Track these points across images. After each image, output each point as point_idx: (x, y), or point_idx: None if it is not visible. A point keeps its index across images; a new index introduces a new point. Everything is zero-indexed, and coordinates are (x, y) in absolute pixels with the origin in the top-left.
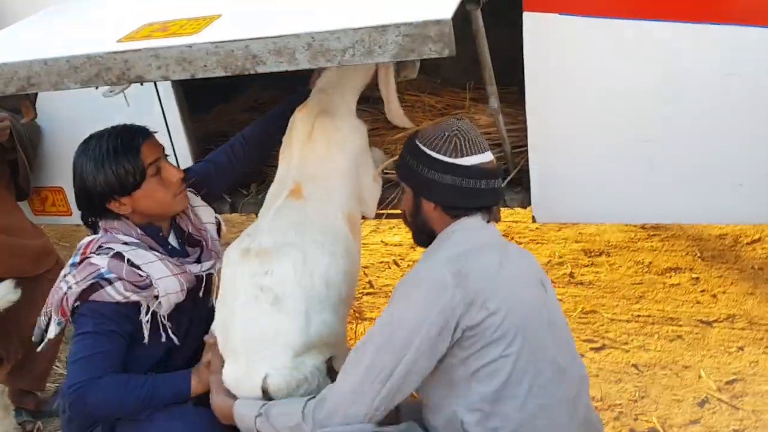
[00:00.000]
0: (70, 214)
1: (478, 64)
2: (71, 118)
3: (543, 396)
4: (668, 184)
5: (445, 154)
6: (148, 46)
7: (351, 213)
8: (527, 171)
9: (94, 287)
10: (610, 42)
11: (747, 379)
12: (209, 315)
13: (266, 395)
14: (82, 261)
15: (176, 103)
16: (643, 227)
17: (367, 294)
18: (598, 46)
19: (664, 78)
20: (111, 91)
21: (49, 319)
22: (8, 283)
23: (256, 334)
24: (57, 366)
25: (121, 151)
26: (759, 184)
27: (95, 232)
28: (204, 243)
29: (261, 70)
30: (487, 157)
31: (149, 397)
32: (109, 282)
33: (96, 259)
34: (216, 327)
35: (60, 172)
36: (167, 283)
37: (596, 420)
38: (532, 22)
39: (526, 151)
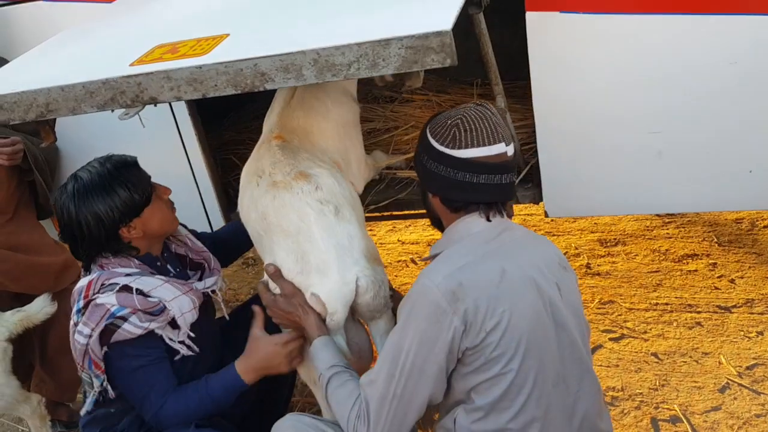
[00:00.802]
0: None
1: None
2: (89, 139)
3: (538, 407)
4: (677, 174)
5: (442, 144)
6: (160, 68)
7: (337, 162)
8: (538, 167)
9: (110, 329)
10: (612, 37)
11: (767, 364)
12: (216, 330)
13: (358, 300)
14: (87, 305)
15: (189, 117)
16: (658, 215)
17: None
18: (600, 41)
19: (667, 69)
20: (126, 114)
21: (90, 375)
22: (45, 296)
23: (337, 244)
24: None
25: (122, 169)
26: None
27: (87, 271)
28: (206, 264)
29: (270, 87)
30: (491, 150)
31: (209, 399)
32: (124, 319)
33: (102, 299)
34: (283, 259)
35: None
36: (180, 302)
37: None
38: (534, 21)
39: (536, 147)
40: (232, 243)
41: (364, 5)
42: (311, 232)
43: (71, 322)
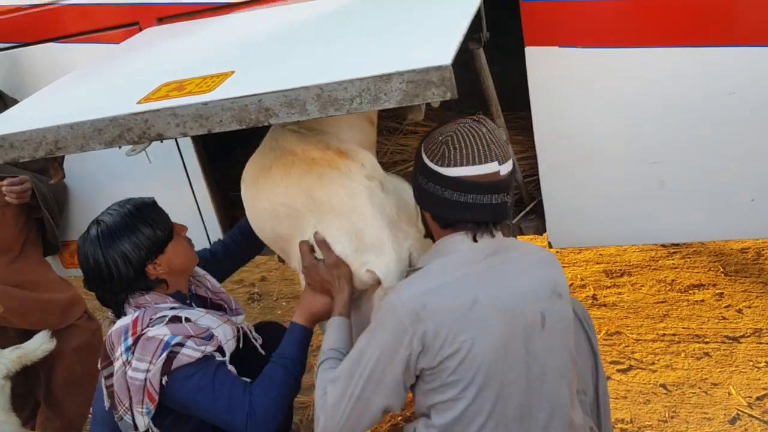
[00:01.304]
0: None
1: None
2: (96, 175)
3: None
4: (679, 203)
5: (432, 161)
6: (166, 105)
7: None
8: (540, 198)
9: (171, 357)
10: (610, 70)
11: None
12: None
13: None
14: (136, 341)
15: (195, 153)
16: (663, 245)
17: None
18: (599, 74)
19: (667, 100)
20: (133, 150)
21: (132, 415)
22: (44, 334)
23: (389, 220)
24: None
25: (143, 208)
26: None
27: (118, 315)
28: (226, 305)
29: (274, 122)
30: (482, 169)
31: (291, 363)
32: (182, 345)
33: (154, 331)
34: (336, 237)
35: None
36: (224, 330)
37: None
38: (534, 56)
39: (539, 179)
40: (242, 245)
41: (365, 41)
42: (364, 210)
43: (119, 361)
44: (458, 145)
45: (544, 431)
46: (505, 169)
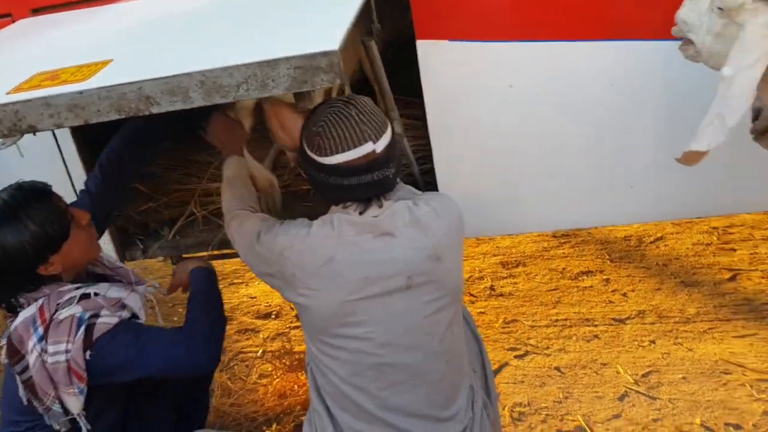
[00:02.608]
0: None
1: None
2: None
3: (353, 382)
4: (568, 192)
5: (310, 150)
6: (39, 95)
7: None
8: (436, 188)
9: (89, 330)
10: (500, 64)
11: (661, 370)
12: None
13: None
14: (47, 328)
15: (76, 149)
16: (554, 236)
17: None
18: (487, 68)
19: (553, 92)
20: (3, 143)
21: (61, 402)
22: None
23: None
24: None
25: (34, 200)
26: (646, 185)
27: (12, 312)
28: (125, 279)
29: (156, 110)
30: (357, 153)
31: (210, 293)
32: (97, 316)
33: (65, 313)
34: None
35: None
36: (134, 298)
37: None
38: (424, 49)
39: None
40: (109, 176)
41: (251, 30)
42: None
43: (33, 353)
44: (330, 134)
45: (413, 380)
46: (381, 145)
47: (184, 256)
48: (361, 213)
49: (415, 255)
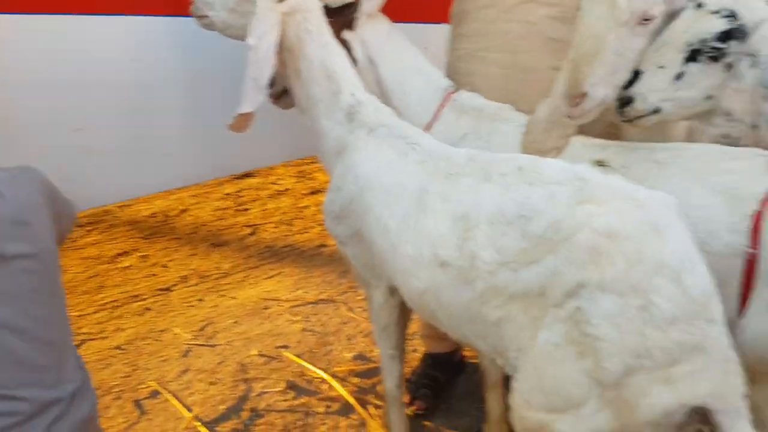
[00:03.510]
0: None
1: None
2: None
3: None
4: (110, 167)
5: None
6: None
7: None
8: None
9: None
10: (23, 37)
11: (214, 321)
12: None
13: None
14: None
15: None
16: (79, 225)
17: None
18: (11, 41)
19: (77, 68)
20: None
21: None
22: None
23: None
24: None
25: None
26: (183, 153)
27: None
28: None
29: None
30: None
31: None
32: None
33: None
34: None
35: None
36: None
37: None
38: None
39: None
40: None
41: None
42: None
43: None
44: None
45: None
46: None
47: None
48: None
49: None
